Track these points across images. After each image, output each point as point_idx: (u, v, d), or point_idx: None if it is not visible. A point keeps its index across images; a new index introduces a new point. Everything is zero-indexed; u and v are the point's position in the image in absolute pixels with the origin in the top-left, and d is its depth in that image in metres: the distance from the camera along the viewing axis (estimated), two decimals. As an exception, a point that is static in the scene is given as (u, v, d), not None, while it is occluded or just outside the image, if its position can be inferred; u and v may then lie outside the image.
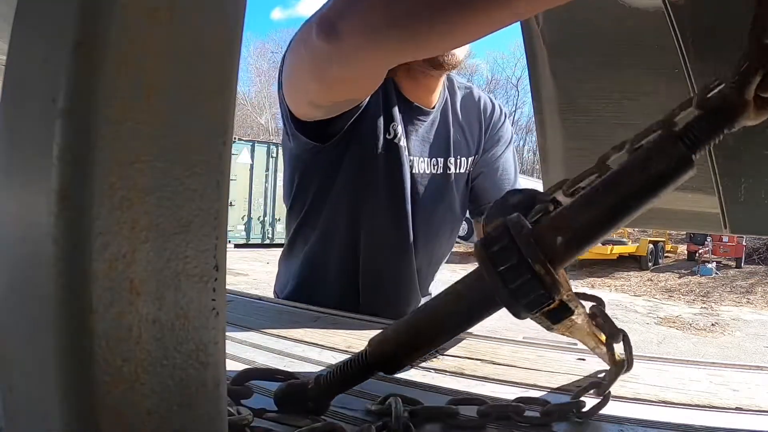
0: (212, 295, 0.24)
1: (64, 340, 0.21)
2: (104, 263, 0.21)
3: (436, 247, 1.05)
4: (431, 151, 0.97)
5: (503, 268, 0.36)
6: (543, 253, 0.36)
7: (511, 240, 0.36)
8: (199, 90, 0.23)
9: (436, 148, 0.98)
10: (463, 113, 1.03)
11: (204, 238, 0.23)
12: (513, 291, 0.36)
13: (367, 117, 0.90)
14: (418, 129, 0.96)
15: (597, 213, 0.37)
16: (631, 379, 0.60)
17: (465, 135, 1.02)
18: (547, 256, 0.36)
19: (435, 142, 0.98)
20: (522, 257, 0.36)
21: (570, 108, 0.79)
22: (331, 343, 0.75)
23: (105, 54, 0.20)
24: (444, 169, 0.99)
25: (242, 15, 0.24)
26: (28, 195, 0.21)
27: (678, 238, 15.18)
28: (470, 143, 1.03)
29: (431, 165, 0.97)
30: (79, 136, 0.20)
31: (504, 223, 0.38)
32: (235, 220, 11.84)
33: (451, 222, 1.04)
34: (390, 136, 0.93)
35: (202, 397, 0.24)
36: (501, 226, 0.38)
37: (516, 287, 0.36)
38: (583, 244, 0.38)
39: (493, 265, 0.37)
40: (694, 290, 10.91)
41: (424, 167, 0.97)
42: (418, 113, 0.96)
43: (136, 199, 0.21)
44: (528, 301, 0.36)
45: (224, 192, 0.24)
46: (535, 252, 0.36)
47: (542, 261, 0.36)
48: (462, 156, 1.01)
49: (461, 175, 1.01)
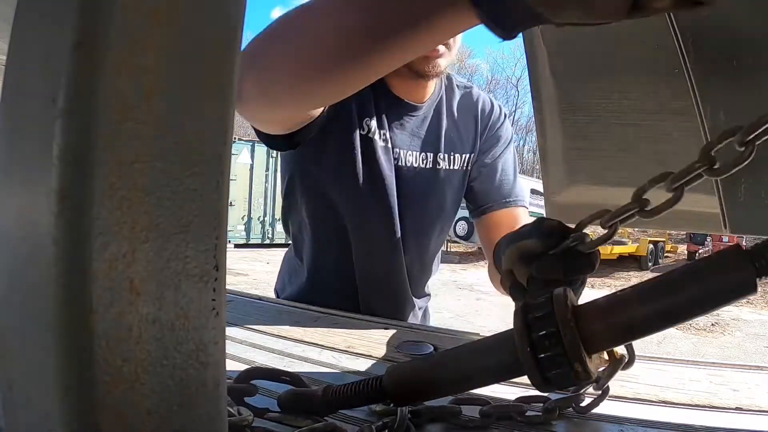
0: (212, 295, 0.24)
1: (64, 340, 0.21)
2: (104, 263, 0.21)
3: (426, 242, 1.05)
4: (422, 146, 0.99)
5: (542, 356, 0.36)
6: (584, 342, 0.36)
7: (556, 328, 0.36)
8: (199, 90, 0.23)
9: (426, 143, 0.99)
10: (460, 112, 1.04)
11: (204, 238, 0.23)
12: (547, 378, 0.36)
13: (341, 116, 0.91)
14: (405, 124, 0.97)
15: (644, 313, 0.36)
16: (631, 379, 0.60)
17: (459, 132, 1.03)
18: (585, 344, 0.36)
19: (426, 137, 0.99)
20: (563, 352, 0.35)
21: (570, 108, 0.79)
22: (331, 343, 0.75)
23: (105, 54, 0.20)
24: (434, 164, 0.99)
25: (242, 15, 0.24)
26: (28, 195, 0.21)
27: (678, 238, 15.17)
28: (465, 141, 1.03)
29: (420, 159, 0.98)
30: (79, 136, 0.20)
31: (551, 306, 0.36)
32: (235, 220, 11.84)
33: (441, 218, 1.05)
34: (364, 131, 0.93)
35: (202, 397, 0.24)
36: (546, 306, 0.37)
37: (551, 376, 0.36)
38: (622, 340, 0.37)
39: (532, 350, 0.36)
40: (694, 290, 10.90)
41: (412, 161, 0.98)
42: (407, 109, 0.97)
43: (136, 199, 0.21)
44: (557, 384, 0.37)
45: (224, 192, 0.24)
46: (577, 350, 0.35)
47: (582, 360, 0.35)
48: (455, 153, 1.02)
49: (453, 172, 1.02)
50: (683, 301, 0.35)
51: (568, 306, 0.36)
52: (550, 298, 0.37)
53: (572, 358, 0.35)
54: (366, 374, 0.63)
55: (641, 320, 0.36)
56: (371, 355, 0.70)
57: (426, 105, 0.99)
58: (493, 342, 0.41)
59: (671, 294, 0.35)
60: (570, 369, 0.35)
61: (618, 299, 0.37)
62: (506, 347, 0.38)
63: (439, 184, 1.01)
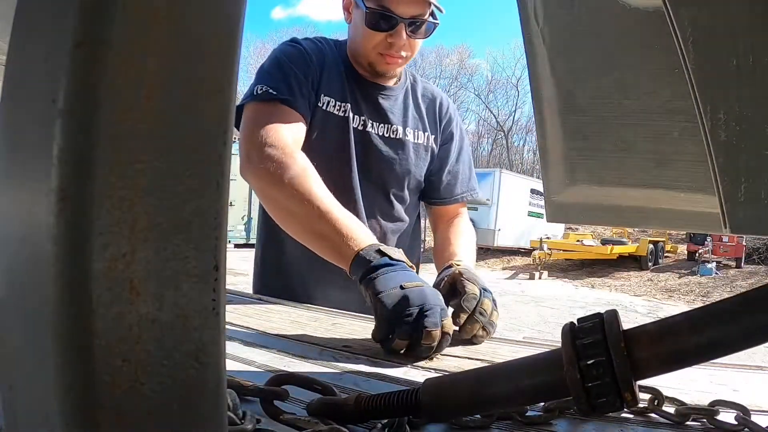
0: (212, 295, 0.24)
1: (64, 340, 0.21)
2: (104, 263, 0.21)
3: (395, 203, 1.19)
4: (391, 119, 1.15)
5: (591, 385, 0.35)
6: (635, 370, 0.35)
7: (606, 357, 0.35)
8: (199, 90, 0.23)
9: (394, 117, 1.16)
10: (423, 99, 1.22)
11: (204, 238, 0.23)
12: (595, 406, 0.35)
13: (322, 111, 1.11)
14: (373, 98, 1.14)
15: (695, 342, 0.35)
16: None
17: (423, 115, 1.21)
18: (634, 369, 0.35)
19: (395, 112, 1.16)
20: (613, 381, 0.34)
21: (570, 108, 0.79)
22: (331, 343, 0.75)
23: (105, 54, 0.20)
24: (402, 135, 1.16)
25: (242, 15, 0.24)
26: (28, 195, 0.21)
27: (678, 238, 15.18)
28: (427, 123, 1.21)
29: (388, 130, 1.15)
30: (79, 136, 0.20)
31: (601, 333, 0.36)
32: (235, 220, 11.84)
33: (408, 177, 1.19)
34: (322, 104, 1.09)
35: (202, 397, 0.24)
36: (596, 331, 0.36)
37: (598, 403, 0.35)
38: (670, 369, 0.36)
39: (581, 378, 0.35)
40: (694, 290, 10.91)
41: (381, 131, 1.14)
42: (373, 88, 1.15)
43: (136, 199, 0.21)
44: (602, 411, 0.36)
45: (224, 192, 0.24)
46: (628, 380, 0.34)
47: (632, 389, 0.34)
48: (419, 130, 1.20)
49: (419, 145, 1.19)
50: (735, 332, 0.34)
51: (620, 334, 0.35)
52: (600, 323, 0.36)
53: (623, 388, 0.34)
54: (366, 374, 0.63)
55: (692, 350, 0.35)
56: (371, 355, 0.70)
57: (398, 87, 1.18)
58: (540, 362, 0.40)
59: (723, 324, 0.34)
60: (618, 398, 0.35)
61: (669, 327, 0.36)
62: (553, 369, 0.37)
63: (405, 150, 1.17)
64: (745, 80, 0.54)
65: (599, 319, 0.37)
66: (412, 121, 1.18)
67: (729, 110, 0.55)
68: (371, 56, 1.08)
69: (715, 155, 0.57)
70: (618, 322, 0.36)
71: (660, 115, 0.72)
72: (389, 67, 1.10)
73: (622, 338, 0.35)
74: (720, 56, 0.55)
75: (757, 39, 0.52)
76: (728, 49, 0.54)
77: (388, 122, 1.15)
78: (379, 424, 0.45)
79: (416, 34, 1.05)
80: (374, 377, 0.62)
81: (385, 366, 0.66)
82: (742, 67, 0.54)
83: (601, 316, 0.37)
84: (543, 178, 0.92)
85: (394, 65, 1.09)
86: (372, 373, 0.63)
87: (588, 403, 0.35)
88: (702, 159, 0.59)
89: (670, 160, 0.74)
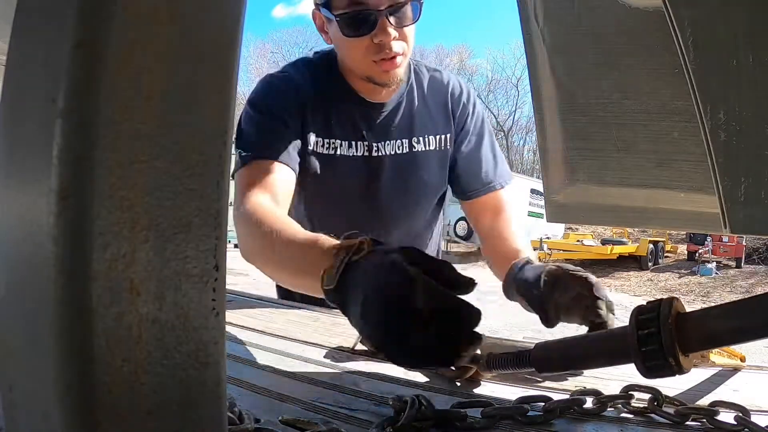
0: (212, 295, 0.24)
1: (64, 340, 0.21)
2: (104, 263, 0.21)
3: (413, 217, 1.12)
4: (398, 134, 1.04)
5: (644, 350, 0.45)
6: (679, 343, 0.44)
7: (657, 329, 0.44)
8: (199, 90, 0.23)
9: (399, 131, 1.04)
10: (429, 94, 1.08)
11: (204, 238, 0.23)
12: (648, 367, 0.45)
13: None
14: (376, 119, 1.03)
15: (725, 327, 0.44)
16: (630, 379, 0.60)
17: (431, 114, 1.08)
18: (680, 345, 0.44)
19: (399, 125, 1.04)
20: (661, 348, 0.44)
21: (570, 108, 0.79)
22: (331, 343, 0.75)
23: (105, 54, 0.20)
24: (410, 148, 1.05)
25: (242, 15, 0.24)
26: (28, 195, 0.21)
27: (678, 238, 15.17)
28: (438, 122, 1.08)
29: (396, 147, 1.05)
30: (79, 136, 0.20)
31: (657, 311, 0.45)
32: (235, 220, 11.79)
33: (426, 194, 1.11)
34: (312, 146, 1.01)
35: (202, 397, 0.24)
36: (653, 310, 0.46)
37: (650, 365, 0.45)
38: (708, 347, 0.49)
39: (638, 344, 0.45)
40: (694, 290, 10.90)
41: (390, 150, 1.04)
42: (375, 108, 1.03)
43: (136, 199, 0.21)
44: (655, 373, 0.45)
45: (224, 192, 0.24)
46: (672, 348, 0.44)
47: (675, 356, 0.43)
48: (428, 135, 1.07)
49: (432, 152, 1.08)
50: (759, 323, 0.43)
51: (671, 313, 0.44)
52: (658, 305, 0.46)
53: (667, 354, 0.43)
54: (367, 374, 0.63)
55: (722, 333, 0.45)
56: (371, 354, 0.70)
57: (393, 98, 1.04)
58: (614, 332, 0.54)
59: (749, 315, 0.43)
60: (665, 362, 0.44)
61: (707, 313, 0.46)
62: (622, 338, 0.47)
63: (417, 165, 1.06)
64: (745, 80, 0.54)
65: (658, 303, 0.46)
66: (419, 129, 1.06)
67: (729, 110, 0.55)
68: (365, 69, 0.93)
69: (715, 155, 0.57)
70: (671, 306, 0.45)
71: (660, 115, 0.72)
72: (389, 75, 0.93)
73: (670, 317, 0.44)
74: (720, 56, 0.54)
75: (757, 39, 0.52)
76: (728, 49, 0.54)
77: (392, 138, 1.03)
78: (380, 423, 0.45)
79: (403, 21, 0.88)
80: (374, 377, 0.62)
81: (386, 366, 0.66)
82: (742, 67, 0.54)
83: (661, 301, 0.46)
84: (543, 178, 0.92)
85: (393, 69, 0.92)
86: (372, 373, 0.63)
87: (643, 365, 0.45)
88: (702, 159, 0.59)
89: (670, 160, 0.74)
